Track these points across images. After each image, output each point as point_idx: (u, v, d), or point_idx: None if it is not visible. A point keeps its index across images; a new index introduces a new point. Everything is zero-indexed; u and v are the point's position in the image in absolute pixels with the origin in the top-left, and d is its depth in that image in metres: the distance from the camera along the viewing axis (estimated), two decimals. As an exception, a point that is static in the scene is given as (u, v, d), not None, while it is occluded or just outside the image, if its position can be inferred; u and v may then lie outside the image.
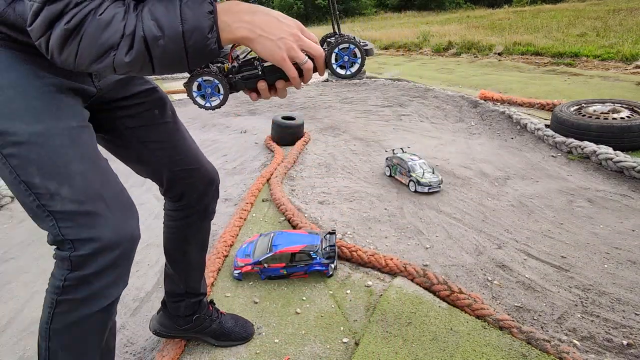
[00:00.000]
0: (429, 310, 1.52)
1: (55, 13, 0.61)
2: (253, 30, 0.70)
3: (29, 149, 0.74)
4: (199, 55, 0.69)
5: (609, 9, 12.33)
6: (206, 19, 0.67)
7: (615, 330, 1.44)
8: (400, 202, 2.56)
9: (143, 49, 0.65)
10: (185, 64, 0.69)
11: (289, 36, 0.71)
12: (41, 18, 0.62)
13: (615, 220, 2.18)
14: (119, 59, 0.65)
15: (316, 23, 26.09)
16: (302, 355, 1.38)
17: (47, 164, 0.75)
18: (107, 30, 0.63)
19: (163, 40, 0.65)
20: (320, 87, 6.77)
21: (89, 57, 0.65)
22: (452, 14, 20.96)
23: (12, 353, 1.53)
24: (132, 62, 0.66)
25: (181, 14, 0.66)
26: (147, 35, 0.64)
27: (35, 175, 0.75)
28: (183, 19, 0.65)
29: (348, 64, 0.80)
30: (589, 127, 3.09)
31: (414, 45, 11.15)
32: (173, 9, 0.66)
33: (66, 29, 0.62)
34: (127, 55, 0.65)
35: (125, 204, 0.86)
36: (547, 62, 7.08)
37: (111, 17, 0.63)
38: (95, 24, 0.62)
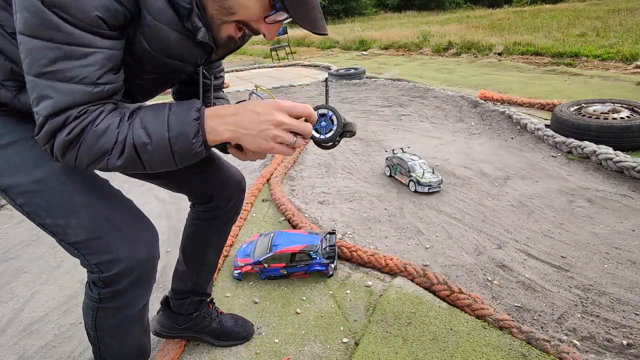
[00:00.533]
0: (429, 310, 1.52)
1: (57, 126, 0.68)
2: (236, 131, 0.76)
3: (33, 196, 0.84)
4: (185, 158, 0.76)
5: (609, 9, 12.34)
6: (191, 126, 0.74)
7: (615, 330, 1.44)
8: (400, 202, 2.56)
9: (133, 153, 0.72)
10: (173, 164, 0.77)
11: (270, 126, 0.74)
12: (45, 130, 0.69)
13: (615, 220, 2.18)
14: (112, 163, 0.73)
15: (316, 23, 26.07)
16: (302, 355, 1.38)
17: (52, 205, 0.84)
18: (102, 138, 0.70)
19: (151, 146, 0.72)
20: (320, 87, 6.77)
21: (87, 160, 0.72)
22: (452, 14, 20.97)
23: (12, 353, 1.53)
24: (124, 165, 0.73)
25: (168, 121, 0.73)
26: (136, 143, 0.72)
27: (46, 217, 0.85)
28: (169, 127, 0.73)
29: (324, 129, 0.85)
30: (589, 127, 3.09)
31: (414, 45, 11.15)
32: (161, 117, 0.73)
33: (66, 140, 0.69)
34: (118, 159, 0.72)
35: (136, 221, 0.93)
36: (547, 62, 7.08)
37: (106, 127, 0.70)
38: (92, 133, 0.70)
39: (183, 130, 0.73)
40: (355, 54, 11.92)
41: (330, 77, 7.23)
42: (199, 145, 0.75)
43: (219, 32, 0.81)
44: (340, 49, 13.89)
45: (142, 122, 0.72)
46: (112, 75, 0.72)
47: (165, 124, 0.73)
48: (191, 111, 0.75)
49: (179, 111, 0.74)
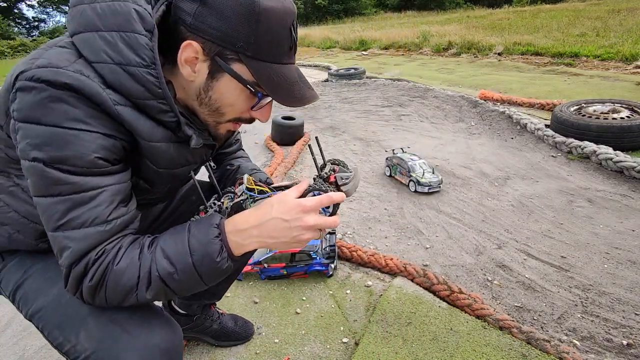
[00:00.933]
0: (429, 310, 1.52)
1: (80, 273, 0.68)
2: (264, 241, 0.75)
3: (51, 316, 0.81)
4: (213, 277, 0.75)
5: (609, 9, 12.33)
6: (213, 245, 0.72)
7: (615, 330, 1.44)
8: (400, 202, 2.56)
9: (161, 284, 0.71)
10: (203, 285, 0.75)
11: (302, 231, 0.74)
12: (70, 280, 0.69)
13: (615, 220, 2.18)
14: (142, 297, 0.71)
15: (316, 23, 26.10)
16: (302, 355, 1.38)
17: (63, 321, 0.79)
18: (124, 277, 0.69)
19: (177, 275, 0.71)
20: (320, 87, 6.77)
21: (116, 300, 0.71)
22: (452, 14, 20.97)
23: (12, 353, 1.53)
24: (154, 296, 0.72)
25: (189, 246, 0.72)
26: (161, 274, 0.70)
27: (59, 336, 0.79)
28: (192, 251, 0.71)
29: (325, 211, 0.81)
30: (589, 127, 3.09)
31: (414, 45, 11.15)
32: (182, 242, 0.72)
33: (90, 285, 0.69)
34: (147, 292, 0.71)
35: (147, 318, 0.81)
36: (547, 62, 7.08)
37: (126, 264, 0.69)
38: (113, 275, 0.69)
39: (206, 251, 0.72)
40: (355, 54, 11.92)
41: (331, 77, 7.23)
42: (225, 262, 0.74)
43: (218, 131, 0.84)
44: (340, 49, 13.89)
45: (164, 251, 0.71)
46: (123, 208, 0.72)
47: (187, 249, 0.72)
48: (211, 229, 0.73)
49: (199, 232, 0.73)
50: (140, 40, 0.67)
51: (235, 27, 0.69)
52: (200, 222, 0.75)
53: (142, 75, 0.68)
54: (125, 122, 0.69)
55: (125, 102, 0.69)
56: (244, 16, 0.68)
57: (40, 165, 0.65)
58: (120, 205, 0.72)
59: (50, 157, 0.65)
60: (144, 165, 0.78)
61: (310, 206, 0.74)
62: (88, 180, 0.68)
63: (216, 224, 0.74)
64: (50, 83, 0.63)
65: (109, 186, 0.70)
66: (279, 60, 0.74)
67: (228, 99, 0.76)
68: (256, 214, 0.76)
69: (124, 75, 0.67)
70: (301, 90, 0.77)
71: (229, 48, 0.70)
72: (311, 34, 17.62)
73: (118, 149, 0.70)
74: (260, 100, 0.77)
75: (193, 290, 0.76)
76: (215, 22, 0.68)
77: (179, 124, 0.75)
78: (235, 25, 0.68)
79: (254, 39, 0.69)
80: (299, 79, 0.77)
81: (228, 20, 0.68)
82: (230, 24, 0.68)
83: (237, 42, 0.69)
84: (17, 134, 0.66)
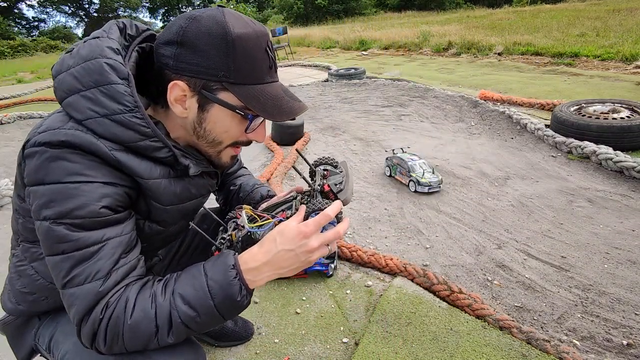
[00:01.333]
0: (429, 310, 1.52)
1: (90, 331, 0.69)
2: (276, 272, 0.78)
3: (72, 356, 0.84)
4: (234, 313, 0.78)
5: (609, 9, 12.33)
6: (233, 287, 0.74)
7: (615, 330, 1.44)
8: (400, 202, 2.56)
9: (183, 328, 0.72)
10: (223, 321, 0.77)
11: (308, 254, 0.78)
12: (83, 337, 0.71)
13: (615, 220, 2.18)
14: (163, 341, 0.72)
15: (316, 23, 26.09)
16: (302, 355, 1.38)
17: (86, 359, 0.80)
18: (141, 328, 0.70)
19: (199, 318, 0.73)
20: (320, 87, 6.77)
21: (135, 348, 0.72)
22: (452, 14, 20.97)
23: (12, 353, 1.52)
24: (177, 339, 0.74)
25: (209, 290, 0.73)
26: (184, 320, 0.72)
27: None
28: (212, 295, 0.73)
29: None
30: (589, 127, 3.09)
31: (414, 45, 11.15)
32: (201, 287, 0.73)
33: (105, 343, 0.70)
34: (169, 337, 0.72)
35: None
36: (547, 62, 7.08)
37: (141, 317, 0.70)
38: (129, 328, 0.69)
39: (227, 293, 0.74)
40: (355, 54, 11.92)
41: (331, 77, 7.23)
42: (245, 299, 0.76)
43: (221, 159, 0.88)
44: (340, 49, 13.89)
45: (183, 298, 0.72)
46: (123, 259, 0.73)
47: (208, 294, 0.73)
48: (228, 272, 0.75)
49: (217, 275, 0.75)
50: (119, 89, 0.71)
51: (213, 59, 0.73)
52: (216, 263, 0.76)
53: (128, 120, 0.72)
54: (124, 166, 0.72)
55: (120, 147, 0.73)
56: (219, 48, 0.73)
57: (46, 223, 0.68)
58: (122, 256, 0.73)
59: (55, 213, 0.68)
60: (152, 207, 0.81)
61: (310, 231, 0.77)
62: (91, 235, 0.70)
63: (232, 264, 0.76)
64: (48, 144, 0.68)
65: (111, 239, 0.72)
66: (262, 80, 0.78)
67: (221, 127, 0.80)
68: (263, 250, 0.78)
69: (112, 124, 0.71)
70: (288, 103, 0.80)
71: (212, 79, 0.74)
72: (311, 34, 17.61)
73: (121, 195, 0.73)
74: (252, 122, 0.81)
75: (212, 327, 0.79)
76: (194, 59, 0.73)
77: (176, 158, 0.79)
78: (213, 57, 0.73)
79: (234, 66, 0.74)
80: (285, 93, 0.81)
81: (206, 55, 0.73)
82: (208, 58, 0.73)
83: (219, 73, 0.74)
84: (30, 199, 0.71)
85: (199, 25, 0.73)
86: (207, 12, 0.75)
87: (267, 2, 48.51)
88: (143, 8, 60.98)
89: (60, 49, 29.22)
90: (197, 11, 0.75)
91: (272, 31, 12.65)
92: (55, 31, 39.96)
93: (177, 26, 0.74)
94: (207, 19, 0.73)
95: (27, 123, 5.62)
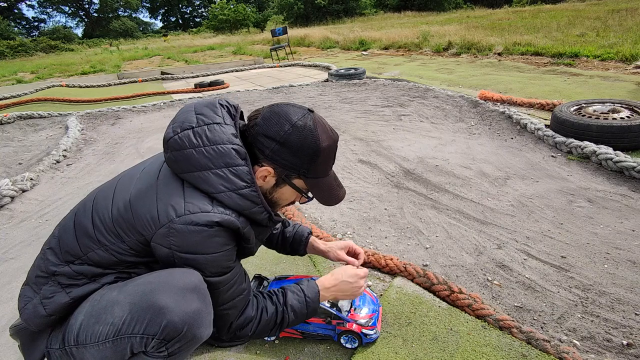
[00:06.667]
0: (429, 310, 1.52)
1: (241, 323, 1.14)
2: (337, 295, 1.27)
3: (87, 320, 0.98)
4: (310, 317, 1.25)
5: (609, 9, 12.34)
6: (316, 302, 1.21)
7: (615, 330, 1.44)
8: (400, 202, 2.56)
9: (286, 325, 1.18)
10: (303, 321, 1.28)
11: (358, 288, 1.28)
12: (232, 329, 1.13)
13: (615, 220, 2.18)
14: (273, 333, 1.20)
15: (316, 23, 26.08)
16: (302, 355, 1.38)
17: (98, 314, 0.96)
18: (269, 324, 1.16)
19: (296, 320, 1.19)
20: (320, 87, 6.77)
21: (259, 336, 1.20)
22: (451, 14, 20.96)
23: (12, 353, 1.53)
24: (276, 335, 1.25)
25: (306, 305, 1.19)
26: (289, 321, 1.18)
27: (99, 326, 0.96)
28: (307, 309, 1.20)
29: None
30: (589, 127, 3.09)
31: (414, 45, 11.15)
32: (303, 303, 1.19)
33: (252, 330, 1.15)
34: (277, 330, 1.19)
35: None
36: (547, 62, 7.08)
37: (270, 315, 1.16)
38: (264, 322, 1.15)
39: (314, 306, 1.20)
40: (355, 54, 11.92)
41: (331, 77, 7.23)
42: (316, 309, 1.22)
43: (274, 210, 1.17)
44: (340, 49, 13.89)
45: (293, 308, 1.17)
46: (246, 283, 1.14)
47: (305, 307, 1.18)
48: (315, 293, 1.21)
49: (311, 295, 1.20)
50: (243, 170, 0.98)
51: (301, 161, 1.01)
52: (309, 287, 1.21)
53: (248, 193, 0.98)
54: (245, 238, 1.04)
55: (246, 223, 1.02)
56: (309, 155, 1.01)
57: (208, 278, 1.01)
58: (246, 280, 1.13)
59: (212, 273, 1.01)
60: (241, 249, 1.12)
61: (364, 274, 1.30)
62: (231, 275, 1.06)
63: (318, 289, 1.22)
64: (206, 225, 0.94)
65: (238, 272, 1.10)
66: (326, 174, 1.09)
67: (286, 199, 1.13)
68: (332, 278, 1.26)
69: (237, 197, 0.97)
70: (337, 192, 1.13)
71: (294, 172, 1.04)
72: (311, 34, 17.61)
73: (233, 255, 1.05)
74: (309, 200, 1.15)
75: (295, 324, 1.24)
76: (288, 157, 1.00)
77: (270, 217, 1.08)
78: (301, 160, 1.01)
79: (313, 167, 1.03)
80: (335, 182, 1.13)
81: (297, 157, 1.00)
82: (298, 160, 1.01)
83: (301, 169, 1.03)
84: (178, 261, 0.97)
85: (298, 135, 0.98)
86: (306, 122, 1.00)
87: (267, 1, 48.40)
88: (143, 8, 60.87)
89: (60, 49, 29.18)
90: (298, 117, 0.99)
91: (272, 31, 12.65)
92: (55, 31, 39.92)
93: (280, 128, 0.98)
94: (305, 130, 0.99)
95: (27, 123, 5.62)
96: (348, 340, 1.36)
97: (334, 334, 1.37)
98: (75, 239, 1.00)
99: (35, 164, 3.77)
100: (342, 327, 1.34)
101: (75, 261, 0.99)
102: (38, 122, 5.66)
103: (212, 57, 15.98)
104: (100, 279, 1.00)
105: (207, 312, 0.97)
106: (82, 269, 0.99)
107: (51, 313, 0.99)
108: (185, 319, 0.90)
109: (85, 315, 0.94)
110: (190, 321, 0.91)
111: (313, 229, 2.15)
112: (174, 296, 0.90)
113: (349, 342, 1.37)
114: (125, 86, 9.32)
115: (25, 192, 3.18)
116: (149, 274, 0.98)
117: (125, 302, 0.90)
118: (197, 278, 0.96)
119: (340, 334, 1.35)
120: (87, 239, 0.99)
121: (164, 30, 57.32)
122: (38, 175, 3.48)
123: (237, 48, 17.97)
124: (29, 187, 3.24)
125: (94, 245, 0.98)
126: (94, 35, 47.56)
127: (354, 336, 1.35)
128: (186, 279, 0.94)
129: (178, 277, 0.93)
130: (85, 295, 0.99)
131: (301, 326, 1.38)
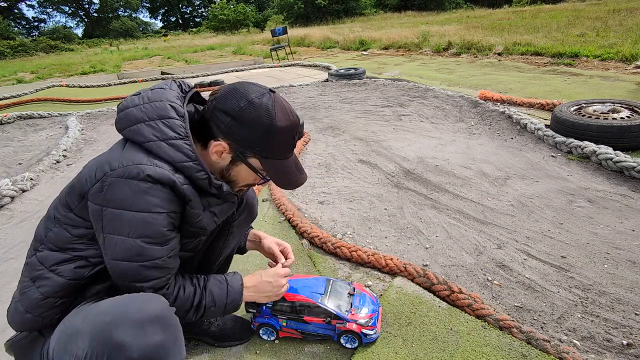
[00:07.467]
0: (429, 310, 1.52)
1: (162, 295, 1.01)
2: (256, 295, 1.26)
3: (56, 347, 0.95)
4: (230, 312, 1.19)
5: (609, 9, 12.34)
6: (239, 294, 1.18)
7: (615, 330, 1.44)
8: (400, 202, 2.56)
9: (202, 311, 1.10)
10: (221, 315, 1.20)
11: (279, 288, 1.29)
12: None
13: (615, 220, 2.18)
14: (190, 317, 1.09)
15: (316, 23, 26.08)
16: (302, 355, 1.38)
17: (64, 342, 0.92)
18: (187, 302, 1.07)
19: (214, 308, 1.13)
20: (320, 87, 6.77)
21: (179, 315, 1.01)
22: (451, 14, 20.97)
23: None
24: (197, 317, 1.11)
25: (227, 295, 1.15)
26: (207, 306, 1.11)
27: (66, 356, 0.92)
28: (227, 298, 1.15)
29: None
30: (589, 127, 3.09)
31: (414, 45, 11.15)
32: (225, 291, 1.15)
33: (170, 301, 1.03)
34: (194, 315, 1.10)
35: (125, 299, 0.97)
36: (547, 62, 7.08)
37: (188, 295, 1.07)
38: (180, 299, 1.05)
39: (235, 298, 1.17)
40: (355, 54, 11.92)
41: (331, 77, 7.24)
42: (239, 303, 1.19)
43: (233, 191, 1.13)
44: (340, 49, 13.89)
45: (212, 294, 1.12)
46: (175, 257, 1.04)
47: (225, 295, 1.14)
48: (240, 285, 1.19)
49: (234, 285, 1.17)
50: (176, 122, 0.96)
51: (256, 138, 0.99)
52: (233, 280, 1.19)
53: (180, 144, 0.95)
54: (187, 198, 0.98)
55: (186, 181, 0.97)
56: (264, 132, 0.98)
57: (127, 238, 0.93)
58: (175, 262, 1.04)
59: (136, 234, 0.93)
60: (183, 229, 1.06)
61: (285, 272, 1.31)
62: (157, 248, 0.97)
63: (242, 283, 1.20)
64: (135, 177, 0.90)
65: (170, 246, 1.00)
66: (284, 157, 1.06)
67: (242, 178, 1.10)
68: (254, 278, 1.26)
69: (167, 147, 0.94)
70: (295, 177, 1.10)
71: (249, 150, 1.02)
72: (311, 34, 17.61)
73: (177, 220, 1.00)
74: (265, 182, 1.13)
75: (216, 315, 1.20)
76: (242, 133, 0.98)
77: (210, 179, 1.00)
78: (256, 137, 0.99)
79: (268, 147, 1.01)
80: (295, 167, 1.10)
81: (252, 134, 0.98)
82: (253, 136, 0.99)
83: (255, 147, 1.01)
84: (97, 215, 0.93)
85: (254, 111, 0.96)
86: (263, 99, 0.98)
87: (267, 1, 48.38)
88: (143, 8, 60.82)
89: (60, 49, 29.18)
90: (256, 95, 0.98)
91: (272, 31, 12.65)
92: (55, 31, 39.94)
93: (236, 104, 0.97)
94: (261, 108, 0.97)
95: (26, 123, 5.62)
96: (348, 340, 1.37)
97: (333, 334, 1.37)
98: (42, 223, 1.03)
99: (35, 164, 3.77)
100: (342, 327, 1.34)
101: (40, 247, 1.00)
102: (38, 122, 5.67)
103: (212, 57, 15.99)
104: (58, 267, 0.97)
105: (171, 342, 0.90)
106: (44, 256, 0.98)
107: (27, 310, 0.98)
108: (147, 354, 0.84)
109: (56, 342, 0.93)
110: (153, 355, 0.85)
111: (313, 229, 2.15)
112: (132, 330, 0.83)
113: (349, 342, 1.37)
114: (125, 86, 9.33)
115: (25, 192, 3.19)
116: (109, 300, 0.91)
117: (86, 333, 0.85)
118: (158, 305, 0.91)
119: (340, 334, 1.35)
120: (47, 220, 1.01)
121: (164, 30, 57.33)
122: (38, 175, 3.48)
123: (237, 48, 17.97)
124: (29, 187, 3.25)
125: (51, 224, 0.99)
126: (94, 35, 47.58)
127: (354, 336, 1.35)
128: (146, 308, 0.88)
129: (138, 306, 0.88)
130: (54, 293, 0.98)
131: (301, 326, 1.38)
